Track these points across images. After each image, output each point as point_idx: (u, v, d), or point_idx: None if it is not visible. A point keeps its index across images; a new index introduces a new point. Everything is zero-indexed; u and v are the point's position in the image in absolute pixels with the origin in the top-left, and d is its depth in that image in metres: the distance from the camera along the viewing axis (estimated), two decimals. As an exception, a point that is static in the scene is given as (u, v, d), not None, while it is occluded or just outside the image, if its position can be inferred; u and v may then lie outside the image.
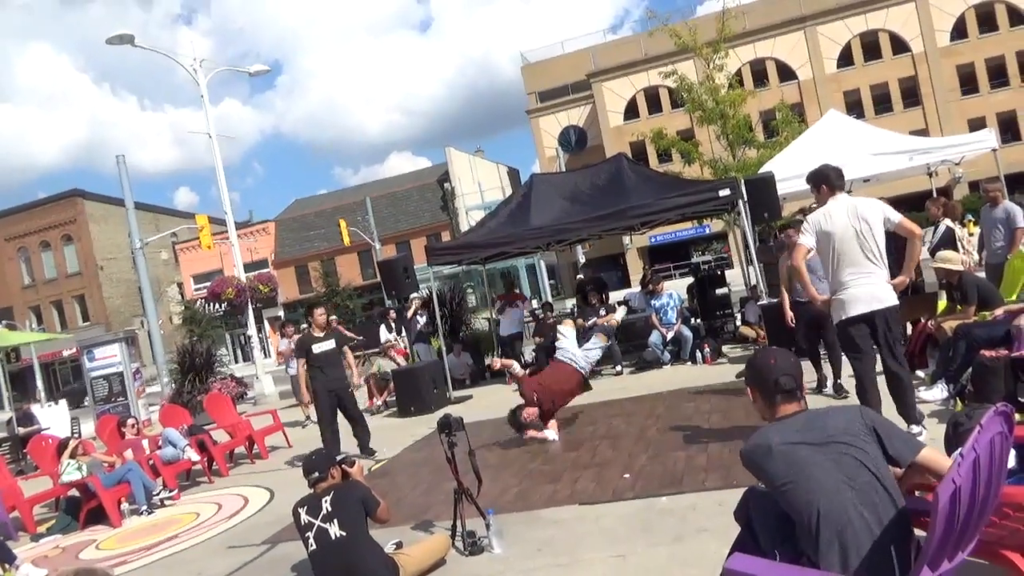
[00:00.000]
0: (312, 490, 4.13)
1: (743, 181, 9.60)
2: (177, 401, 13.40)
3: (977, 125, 35.42)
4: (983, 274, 7.88)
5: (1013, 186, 12.07)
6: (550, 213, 10.48)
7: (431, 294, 12.29)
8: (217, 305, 18.53)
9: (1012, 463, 3.02)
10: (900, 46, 43.30)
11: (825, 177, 5.02)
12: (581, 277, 15.82)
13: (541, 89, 50.38)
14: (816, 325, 6.55)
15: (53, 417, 15.25)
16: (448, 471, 4.71)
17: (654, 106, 46.12)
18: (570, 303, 17.42)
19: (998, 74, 42.06)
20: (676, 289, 12.03)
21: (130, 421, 8.86)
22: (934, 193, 11.47)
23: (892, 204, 5.57)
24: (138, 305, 44.22)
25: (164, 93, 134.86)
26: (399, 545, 4.47)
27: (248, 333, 17.80)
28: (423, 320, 12.77)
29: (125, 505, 7.36)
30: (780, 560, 2.40)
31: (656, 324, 10.33)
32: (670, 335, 10.22)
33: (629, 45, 46.90)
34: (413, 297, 12.39)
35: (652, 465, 5.48)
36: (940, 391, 5.69)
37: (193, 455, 8.28)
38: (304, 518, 3.99)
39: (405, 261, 11.17)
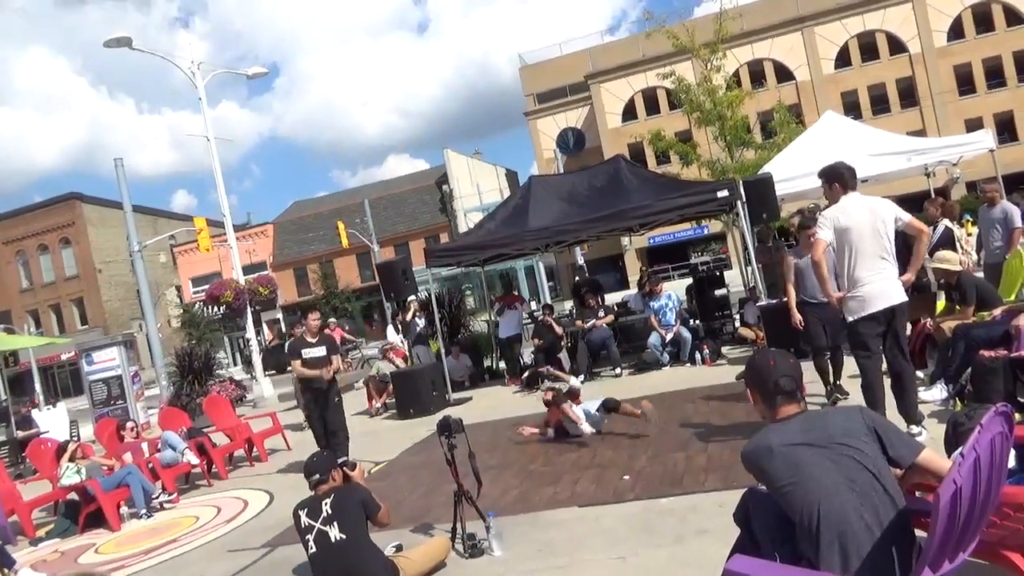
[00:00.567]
0: (313, 492, 4.13)
1: (741, 182, 9.61)
2: (176, 404, 13.38)
3: (974, 125, 35.50)
4: (981, 274, 7.89)
5: (1011, 186, 12.09)
6: (548, 215, 10.48)
7: (430, 296, 12.29)
8: (216, 308, 18.53)
9: (1012, 463, 3.02)
10: (897, 47, 43.36)
11: (839, 175, 5.01)
12: (577, 279, 15.83)
13: (539, 91, 50.39)
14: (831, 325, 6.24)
15: (52, 420, 15.23)
16: (448, 473, 4.71)
17: (652, 107, 46.13)
18: (568, 304, 17.41)
19: (995, 74, 42.11)
20: (675, 290, 12.02)
21: (129, 424, 8.86)
22: (932, 194, 11.49)
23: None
24: (136, 308, 44.20)
25: (162, 96, 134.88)
26: (399, 548, 4.47)
27: (247, 336, 17.77)
28: (422, 322, 12.76)
29: (124, 509, 7.35)
30: (780, 562, 2.40)
31: (655, 325, 10.33)
32: (669, 336, 10.22)
33: (627, 46, 46.93)
34: (411, 299, 12.39)
35: (652, 466, 5.48)
36: (939, 391, 5.70)
37: (192, 458, 8.27)
38: (304, 520, 3.98)
39: (404, 263, 11.16)
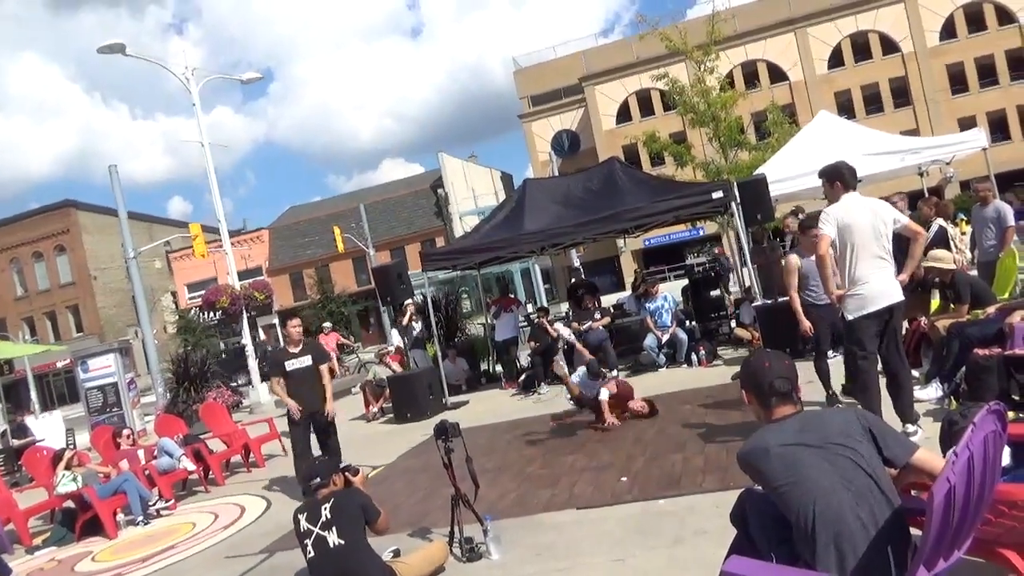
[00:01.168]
0: (313, 496, 4.12)
1: (736, 183, 9.62)
2: (172, 411, 13.36)
3: (967, 124, 35.62)
4: (975, 273, 7.92)
5: (1004, 185, 12.14)
6: (544, 217, 10.49)
7: (426, 300, 12.28)
8: (211, 314, 18.48)
9: (1007, 461, 3.03)
10: (890, 46, 43.54)
11: (840, 174, 5.03)
12: (573, 281, 15.84)
13: (533, 93, 50.48)
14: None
15: (48, 428, 15.18)
16: (445, 477, 4.71)
17: (646, 109, 46.24)
18: (564, 306, 17.42)
19: (987, 73, 42.31)
20: (671, 291, 12.04)
21: (125, 431, 8.83)
22: (926, 193, 11.53)
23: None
24: (132, 315, 44.11)
25: (156, 102, 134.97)
26: (397, 553, 4.46)
27: (243, 342, 17.74)
28: (419, 326, 12.76)
29: (121, 516, 7.33)
30: (777, 562, 2.41)
31: (651, 327, 10.34)
32: (665, 338, 10.23)
33: (620, 49, 47.06)
34: (408, 302, 12.38)
35: (649, 468, 5.48)
36: (935, 390, 5.71)
37: (189, 465, 8.25)
38: (303, 525, 3.98)
39: (399, 267, 11.15)
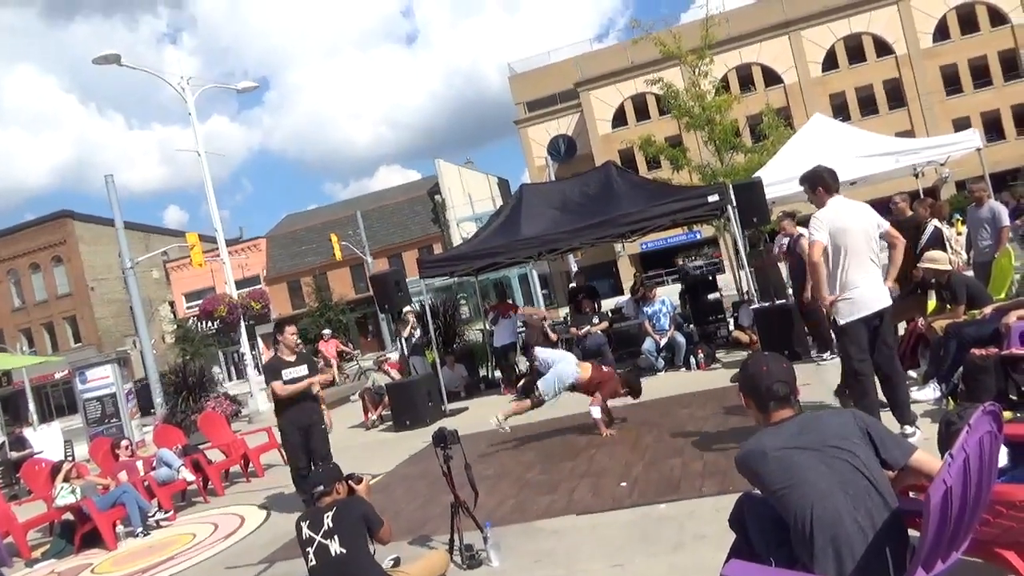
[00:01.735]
0: (315, 504, 4.12)
1: (731, 186, 9.65)
2: (171, 421, 13.33)
3: (962, 125, 35.80)
4: (971, 273, 7.94)
5: (998, 185, 12.19)
6: (540, 223, 10.50)
7: (423, 307, 12.29)
8: (210, 323, 18.47)
9: (1004, 461, 3.04)
10: (883, 48, 43.72)
11: (821, 179, 5.03)
12: (573, 285, 15.85)
13: (529, 99, 50.60)
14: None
15: (46, 440, 15.14)
16: (444, 485, 4.70)
17: (642, 113, 46.37)
18: (563, 311, 17.43)
19: (981, 74, 42.49)
20: (668, 295, 12.05)
21: (124, 442, 8.80)
22: (921, 194, 11.57)
23: (879, 206, 5.62)
24: (130, 325, 44.03)
25: (151, 112, 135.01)
26: (397, 562, 4.46)
27: (241, 350, 17.72)
28: (417, 332, 12.75)
29: (120, 528, 7.31)
30: (775, 566, 2.41)
31: (649, 331, 10.35)
32: (663, 341, 10.24)
33: (615, 53, 47.17)
34: (407, 310, 12.37)
35: (649, 473, 5.48)
36: (932, 391, 5.72)
37: (188, 475, 8.23)
38: (306, 532, 3.97)
39: (397, 275, 11.16)
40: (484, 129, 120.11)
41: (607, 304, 16.58)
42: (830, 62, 44.44)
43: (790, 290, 9.75)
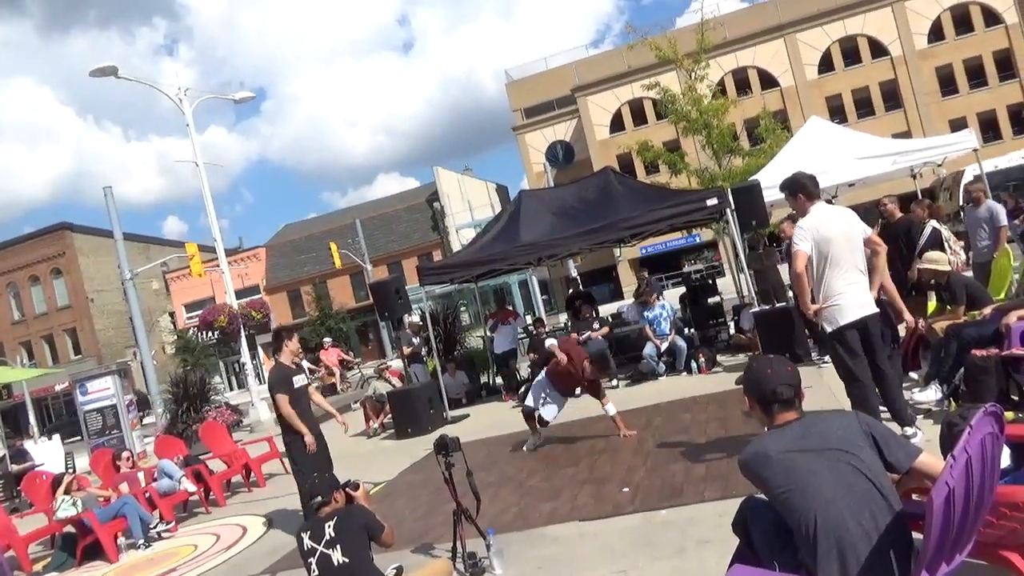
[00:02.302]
0: (316, 515, 4.11)
1: (730, 190, 9.66)
2: (172, 432, 13.31)
3: (958, 125, 35.82)
4: (970, 274, 7.94)
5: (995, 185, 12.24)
6: (539, 229, 10.51)
7: (423, 314, 12.28)
8: (210, 333, 18.45)
9: (1007, 462, 3.03)
10: (879, 50, 43.85)
11: (802, 185, 5.02)
12: (572, 291, 15.86)
13: (526, 105, 50.68)
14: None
15: (47, 453, 15.12)
16: (446, 492, 4.69)
17: (639, 118, 46.45)
18: (563, 317, 17.42)
19: (976, 74, 42.62)
20: (669, 299, 12.04)
21: (125, 454, 8.78)
22: (919, 195, 11.57)
23: (877, 207, 5.63)
24: (130, 336, 44.01)
25: (149, 123, 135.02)
26: (400, 571, 4.44)
27: (242, 360, 17.70)
28: (417, 340, 12.75)
29: (122, 539, 7.28)
30: (779, 570, 2.40)
31: (650, 335, 10.34)
32: (664, 346, 10.23)
33: (612, 59, 47.31)
34: (409, 320, 12.37)
35: (651, 478, 5.47)
36: (934, 392, 5.70)
37: (190, 486, 8.22)
38: (307, 543, 3.95)
39: (397, 283, 11.15)
40: (482, 136, 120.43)
41: (607, 309, 16.57)
42: (826, 64, 44.57)
43: (790, 293, 9.74)
